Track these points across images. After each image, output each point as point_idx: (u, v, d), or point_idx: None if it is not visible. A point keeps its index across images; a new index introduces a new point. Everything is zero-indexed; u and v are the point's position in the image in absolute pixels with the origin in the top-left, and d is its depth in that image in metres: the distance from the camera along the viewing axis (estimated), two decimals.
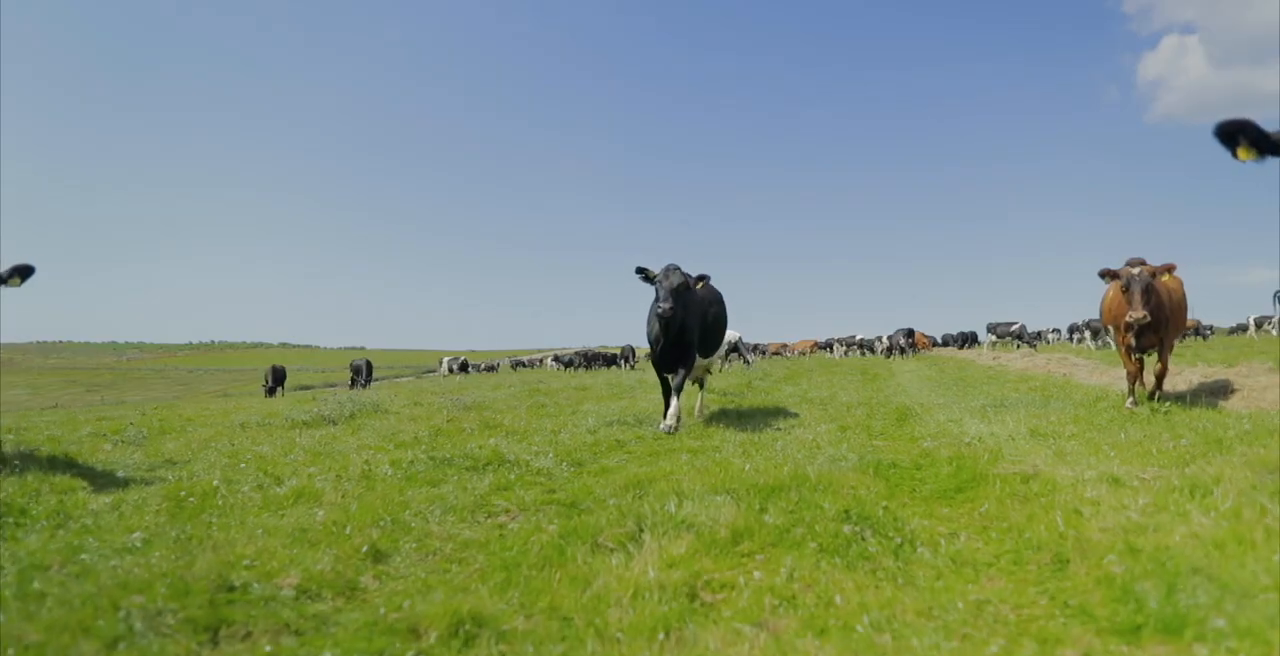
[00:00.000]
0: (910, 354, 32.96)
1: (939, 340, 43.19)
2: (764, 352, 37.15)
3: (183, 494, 3.93)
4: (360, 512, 3.32)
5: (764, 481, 3.51)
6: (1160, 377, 7.09)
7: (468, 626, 1.96)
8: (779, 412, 7.75)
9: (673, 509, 3.01)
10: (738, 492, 3.32)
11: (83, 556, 2.80)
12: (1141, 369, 7.06)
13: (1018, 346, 31.02)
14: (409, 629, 1.98)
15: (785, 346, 40.80)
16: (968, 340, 42.22)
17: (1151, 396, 7.09)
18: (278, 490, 3.99)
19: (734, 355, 25.73)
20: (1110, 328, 7.48)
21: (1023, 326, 34.38)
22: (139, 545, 2.94)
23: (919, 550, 2.60)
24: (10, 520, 3.57)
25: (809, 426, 6.30)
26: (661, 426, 6.30)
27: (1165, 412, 6.12)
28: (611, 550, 2.62)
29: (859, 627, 1.89)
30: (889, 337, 35.23)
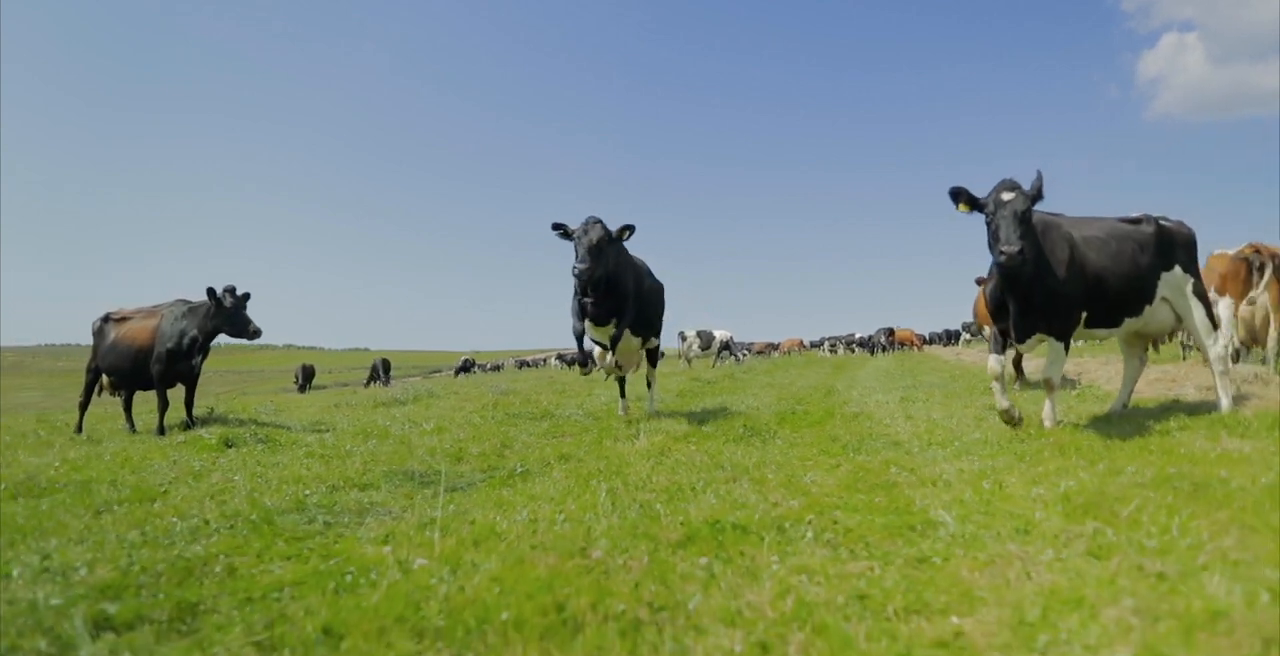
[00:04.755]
0: (890, 351, 35.66)
1: (928, 338, 45.82)
2: (749, 351, 39.57)
3: (367, 430, 6.60)
4: (484, 434, 6.00)
5: (708, 418, 6.21)
6: (1018, 364, 9.75)
7: (566, 458, 4.65)
8: (743, 391, 10.45)
9: (655, 425, 5.71)
10: (691, 421, 6.01)
11: (349, 448, 5.46)
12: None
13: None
14: (541, 459, 4.67)
15: (772, 346, 43.21)
16: (953, 338, 44.93)
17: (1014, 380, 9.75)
18: (423, 427, 6.66)
19: (725, 353, 28.43)
20: (983, 326, 10.13)
21: None
22: (376, 445, 5.59)
23: (776, 441, 5.27)
24: (274, 444, 6.22)
25: (759, 397, 8.99)
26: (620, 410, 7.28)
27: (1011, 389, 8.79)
28: (624, 441, 5.30)
29: (727, 454, 4.56)
30: (871, 336, 38.01)
